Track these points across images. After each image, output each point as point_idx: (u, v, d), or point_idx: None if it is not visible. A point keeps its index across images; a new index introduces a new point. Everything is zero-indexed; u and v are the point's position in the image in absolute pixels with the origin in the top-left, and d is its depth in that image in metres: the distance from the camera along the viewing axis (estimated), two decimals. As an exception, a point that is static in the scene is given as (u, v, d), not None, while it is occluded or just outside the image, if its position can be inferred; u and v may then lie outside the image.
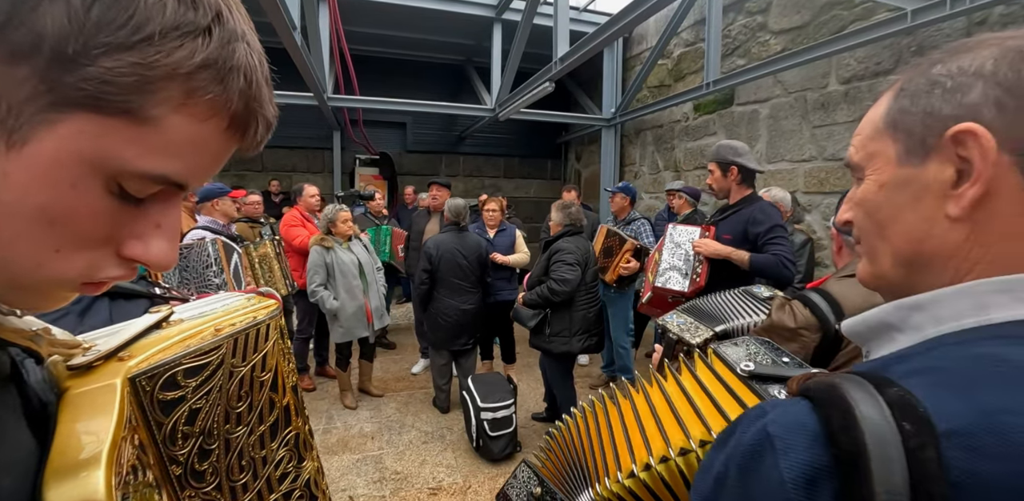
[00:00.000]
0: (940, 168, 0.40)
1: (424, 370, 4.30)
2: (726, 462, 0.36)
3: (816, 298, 1.14)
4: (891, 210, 0.43)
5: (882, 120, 0.44)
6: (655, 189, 6.12)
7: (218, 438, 0.47)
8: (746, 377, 0.65)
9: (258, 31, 0.33)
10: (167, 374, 0.42)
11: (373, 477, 2.80)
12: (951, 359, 0.34)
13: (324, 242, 3.35)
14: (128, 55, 0.25)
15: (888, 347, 0.42)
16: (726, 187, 2.38)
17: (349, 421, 3.44)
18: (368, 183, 7.47)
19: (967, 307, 0.37)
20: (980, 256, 0.39)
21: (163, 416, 0.42)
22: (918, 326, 0.40)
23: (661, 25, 5.38)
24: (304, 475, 0.58)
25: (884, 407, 0.31)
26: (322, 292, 3.33)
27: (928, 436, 0.29)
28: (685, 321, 1.42)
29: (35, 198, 0.26)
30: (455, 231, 3.44)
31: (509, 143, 8.60)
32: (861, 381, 0.34)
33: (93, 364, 0.39)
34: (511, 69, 5.12)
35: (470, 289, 3.43)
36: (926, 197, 0.41)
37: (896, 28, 3.02)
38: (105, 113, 0.26)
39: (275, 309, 0.56)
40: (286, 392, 0.56)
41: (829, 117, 3.81)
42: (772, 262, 2.14)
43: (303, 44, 3.70)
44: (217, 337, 0.47)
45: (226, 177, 7.23)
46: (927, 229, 0.41)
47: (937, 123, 0.39)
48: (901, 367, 0.36)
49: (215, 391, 0.46)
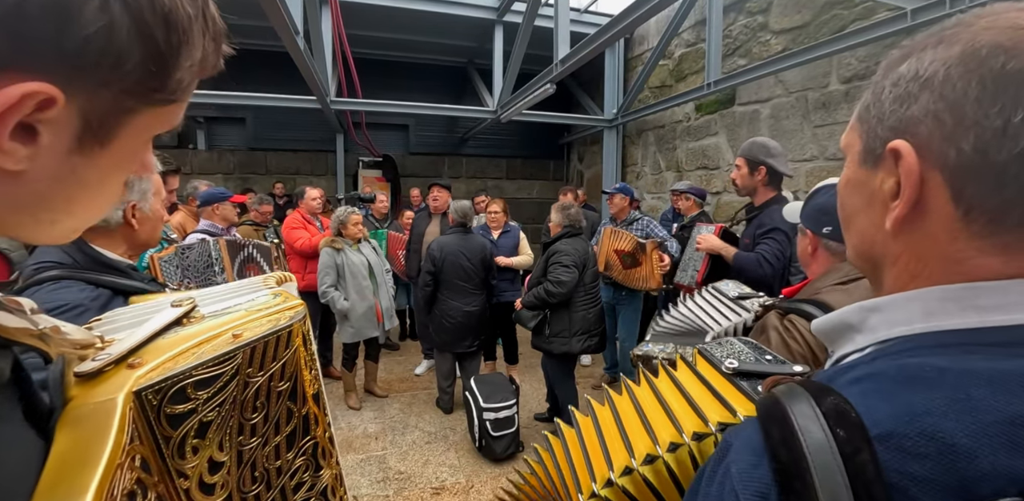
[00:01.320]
0: (884, 178, 0.39)
1: (427, 371, 4.32)
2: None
3: (816, 312, 1.04)
4: (851, 207, 0.44)
5: (856, 112, 0.43)
6: (657, 189, 6.12)
7: (230, 450, 0.45)
8: (730, 374, 0.65)
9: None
10: (176, 386, 0.40)
11: (377, 477, 2.83)
12: (888, 367, 0.35)
13: (334, 244, 3.39)
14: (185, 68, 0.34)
15: (847, 347, 0.43)
16: (751, 186, 2.25)
17: (353, 421, 3.47)
18: (371, 185, 7.51)
19: (917, 313, 0.37)
20: (918, 270, 0.38)
21: (171, 430, 0.40)
22: (873, 328, 0.40)
23: (662, 26, 5.39)
24: (321, 484, 0.56)
25: (819, 417, 0.32)
26: (333, 293, 3.36)
27: (860, 441, 0.30)
28: (667, 347, 1.24)
29: (117, 176, 0.36)
30: (460, 233, 3.44)
31: (511, 144, 8.63)
32: (802, 392, 0.35)
33: (102, 370, 0.38)
34: (513, 71, 5.14)
35: (474, 291, 3.44)
36: (875, 203, 0.40)
37: (896, 27, 3.02)
38: (164, 104, 0.35)
39: (300, 311, 0.53)
40: (306, 401, 0.53)
41: (830, 117, 3.81)
42: (750, 260, 2.11)
43: (306, 48, 3.73)
44: (234, 345, 0.45)
45: (231, 180, 7.29)
46: (873, 234, 0.41)
47: (884, 132, 0.38)
48: (846, 376, 0.36)
49: (228, 403, 0.44)
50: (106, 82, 0.30)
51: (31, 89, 0.27)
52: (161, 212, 1.15)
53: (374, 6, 5.55)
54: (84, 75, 0.29)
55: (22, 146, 0.28)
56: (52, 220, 0.33)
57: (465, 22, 6.04)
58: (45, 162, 0.30)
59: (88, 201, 0.35)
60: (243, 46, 1.53)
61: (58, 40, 0.27)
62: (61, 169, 0.31)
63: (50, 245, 1.03)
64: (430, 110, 6.24)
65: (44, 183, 0.31)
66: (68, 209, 0.34)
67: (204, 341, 0.44)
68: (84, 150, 0.32)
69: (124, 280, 1.03)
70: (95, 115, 0.31)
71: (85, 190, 0.34)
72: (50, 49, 0.27)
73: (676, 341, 1.29)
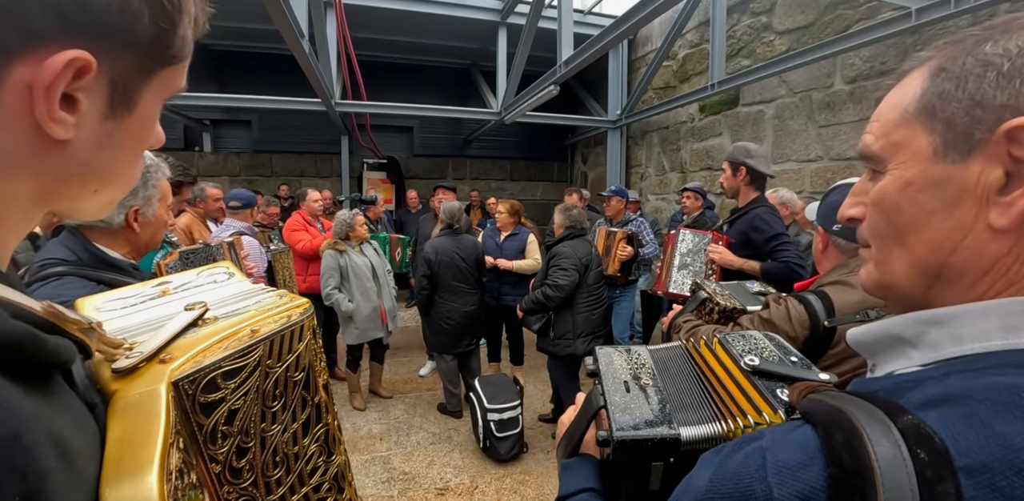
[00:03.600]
0: (986, 168, 0.33)
1: (431, 372, 4.32)
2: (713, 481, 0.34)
3: (812, 298, 1.16)
4: (916, 213, 0.37)
5: (914, 105, 0.37)
6: (662, 191, 6.12)
7: (254, 436, 0.49)
8: (749, 372, 0.61)
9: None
10: (208, 377, 0.43)
11: (381, 477, 2.83)
12: (970, 388, 0.30)
13: (337, 246, 3.40)
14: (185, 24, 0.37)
15: (897, 363, 0.38)
16: (735, 187, 2.43)
17: (358, 422, 3.48)
18: (375, 187, 7.54)
19: (993, 327, 0.33)
20: (1022, 275, 0.33)
21: (204, 417, 0.43)
22: (935, 344, 0.35)
23: (666, 27, 5.39)
24: (333, 469, 0.60)
25: (896, 434, 0.29)
26: (337, 295, 3.37)
27: (945, 469, 0.26)
28: (721, 289, 1.45)
29: (141, 144, 0.38)
30: (450, 234, 3.45)
31: (515, 146, 8.65)
32: (871, 408, 0.31)
33: (137, 366, 0.40)
34: (516, 73, 5.15)
35: (470, 291, 3.45)
36: (964, 201, 0.34)
37: (901, 27, 3.01)
38: (173, 64, 0.37)
39: (308, 309, 0.57)
40: (318, 390, 0.57)
41: (835, 117, 3.80)
42: (783, 269, 2.22)
43: (311, 51, 3.76)
44: (254, 339, 0.48)
45: (236, 182, 7.33)
46: (960, 239, 0.35)
47: (988, 114, 0.33)
48: (915, 395, 0.32)
49: (252, 392, 0.48)
50: (127, 44, 0.32)
51: (72, 55, 0.29)
52: (165, 218, 1.17)
53: (378, 9, 5.58)
54: (108, 40, 0.31)
55: (68, 115, 0.31)
56: (96, 188, 0.36)
57: (469, 24, 6.06)
58: (86, 129, 0.32)
59: (122, 169, 0.37)
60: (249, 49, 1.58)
61: (82, 9, 0.29)
62: (99, 135, 0.34)
63: (56, 242, 1.07)
64: (434, 112, 6.26)
65: (87, 150, 0.33)
66: (107, 177, 0.36)
67: (226, 337, 0.47)
68: (116, 115, 0.34)
69: (126, 278, 1.06)
70: (121, 79, 0.33)
71: (121, 156, 0.36)
72: (79, 18, 0.29)
73: (731, 292, 1.44)
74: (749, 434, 0.37)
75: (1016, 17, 0.34)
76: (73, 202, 0.36)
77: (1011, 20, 0.34)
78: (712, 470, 0.35)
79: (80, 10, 0.29)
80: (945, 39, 0.38)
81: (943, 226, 0.35)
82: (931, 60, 0.38)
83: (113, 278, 1.04)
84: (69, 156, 0.32)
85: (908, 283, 0.38)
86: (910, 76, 0.39)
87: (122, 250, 1.12)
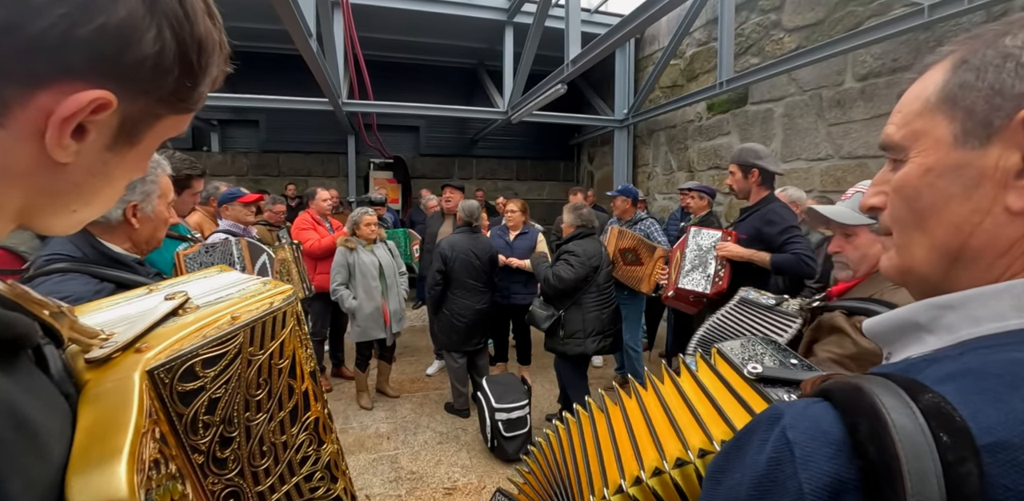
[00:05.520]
0: (1004, 154, 0.35)
1: (439, 371, 4.33)
2: (741, 473, 0.33)
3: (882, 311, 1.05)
4: (936, 198, 0.38)
5: (936, 95, 0.39)
6: (669, 190, 6.08)
7: (238, 426, 0.47)
8: (753, 380, 0.60)
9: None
10: (185, 365, 0.42)
11: (389, 477, 2.83)
12: (988, 363, 0.31)
13: (348, 243, 3.46)
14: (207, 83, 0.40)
15: (913, 349, 0.39)
16: (746, 188, 2.46)
17: (365, 421, 3.48)
18: (382, 187, 7.56)
19: (1009, 308, 0.34)
20: None
21: (183, 407, 0.42)
22: (951, 327, 0.36)
23: (673, 25, 5.36)
24: (324, 457, 0.59)
25: (919, 416, 0.28)
26: (342, 291, 3.42)
27: (967, 449, 0.27)
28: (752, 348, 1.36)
29: (131, 175, 0.40)
30: (468, 232, 3.48)
31: (522, 145, 8.64)
32: (891, 385, 0.31)
33: (111, 356, 0.39)
34: (523, 72, 5.15)
35: (483, 289, 3.48)
36: (983, 185, 0.36)
37: (913, 23, 2.98)
38: (184, 113, 0.40)
39: (291, 295, 0.56)
40: (304, 378, 0.56)
41: (845, 115, 3.76)
42: (793, 260, 2.23)
43: (319, 51, 3.76)
44: (234, 326, 0.47)
45: (244, 182, 7.37)
46: (978, 222, 0.36)
47: (1007, 102, 0.35)
48: (933, 371, 0.32)
49: (234, 380, 0.47)
50: (147, 91, 0.35)
51: (97, 95, 0.32)
52: (165, 214, 1.17)
53: (385, 9, 5.59)
54: (133, 86, 0.34)
55: (74, 142, 0.33)
56: (75, 209, 0.38)
57: (475, 24, 6.06)
58: (86, 156, 0.35)
59: (106, 194, 0.39)
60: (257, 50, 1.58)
61: (120, 58, 0.32)
62: (96, 163, 0.36)
63: (62, 237, 1.07)
64: (441, 111, 6.27)
65: (80, 175, 0.36)
66: (91, 200, 0.38)
67: (205, 326, 0.46)
68: (117, 148, 0.37)
69: (129, 274, 1.06)
70: (131, 119, 0.36)
71: (108, 184, 0.38)
72: (114, 65, 0.32)
73: None
74: (766, 416, 0.36)
75: None
76: (49, 219, 0.37)
77: None
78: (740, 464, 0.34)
79: (118, 57, 0.32)
80: (966, 34, 0.39)
81: (962, 210, 0.37)
82: (953, 54, 0.39)
83: (117, 275, 1.04)
84: (64, 177, 0.35)
85: (928, 267, 0.40)
86: (932, 69, 0.41)
87: (124, 245, 1.12)
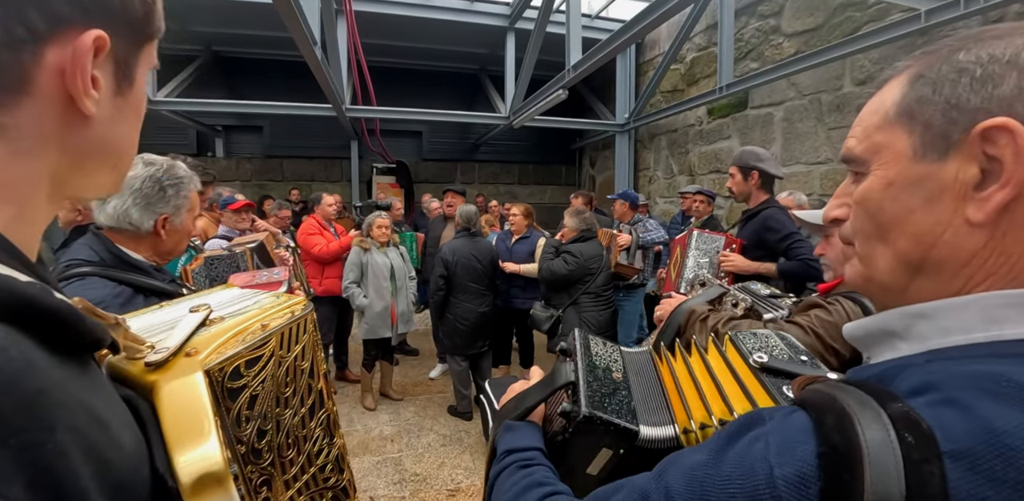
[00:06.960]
0: (963, 166, 0.35)
1: (442, 374, 4.34)
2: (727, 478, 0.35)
3: (865, 299, 1.13)
4: (899, 211, 0.39)
5: (894, 109, 0.40)
6: (670, 194, 6.11)
7: (271, 420, 0.53)
8: (757, 368, 0.62)
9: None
10: (233, 365, 0.48)
11: (393, 479, 2.85)
12: (952, 375, 0.32)
13: (363, 243, 3.56)
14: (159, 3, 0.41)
15: (889, 354, 0.40)
16: (746, 191, 2.47)
17: (369, 424, 3.50)
18: (385, 191, 7.61)
19: (975, 320, 0.35)
20: (996, 267, 0.35)
21: (231, 402, 0.48)
22: (922, 336, 0.37)
23: (673, 30, 5.41)
24: (335, 451, 0.65)
25: (885, 418, 0.30)
26: (354, 289, 3.49)
27: (931, 452, 0.28)
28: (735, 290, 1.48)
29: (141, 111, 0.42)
30: (467, 236, 3.53)
31: (523, 150, 8.69)
32: (862, 395, 0.33)
33: (168, 359, 0.45)
34: (525, 77, 5.19)
35: (485, 292, 3.51)
36: (943, 198, 0.36)
37: (910, 28, 3.01)
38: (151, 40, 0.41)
39: (307, 305, 0.62)
40: (319, 378, 0.62)
41: (844, 119, 3.79)
42: (800, 267, 2.25)
43: (323, 58, 3.82)
44: (266, 332, 0.54)
45: (248, 187, 7.43)
46: (940, 233, 0.37)
47: (963, 116, 0.35)
48: (901, 382, 0.34)
49: (268, 379, 0.53)
50: (126, 22, 0.37)
51: (96, 34, 0.33)
52: (190, 227, 1.21)
53: (388, 16, 5.66)
54: (113, 20, 0.35)
55: (95, 91, 0.35)
56: (113, 163, 0.40)
57: (477, 30, 6.12)
58: (104, 107, 0.36)
59: (132, 140, 0.41)
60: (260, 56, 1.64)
61: None
62: (113, 111, 0.38)
63: (81, 243, 1.10)
64: (443, 117, 6.33)
65: (105, 125, 0.37)
66: (121, 151, 0.40)
67: (239, 332, 0.52)
68: (122, 90, 0.38)
69: (146, 279, 1.09)
70: (122, 56, 0.37)
71: (128, 129, 0.40)
72: (92, 3, 0.34)
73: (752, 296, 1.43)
74: (751, 415, 0.39)
75: (986, 29, 0.37)
76: (98, 177, 0.39)
77: (982, 32, 0.37)
78: (714, 453, 0.37)
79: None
80: (921, 50, 0.41)
81: (924, 222, 0.37)
82: (909, 68, 0.40)
83: (135, 279, 1.07)
84: (92, 132, 0.36)
85: (891, 277, 0.40)
86: (890, 83, 0.42)
87: (144, 254, 1.14)
